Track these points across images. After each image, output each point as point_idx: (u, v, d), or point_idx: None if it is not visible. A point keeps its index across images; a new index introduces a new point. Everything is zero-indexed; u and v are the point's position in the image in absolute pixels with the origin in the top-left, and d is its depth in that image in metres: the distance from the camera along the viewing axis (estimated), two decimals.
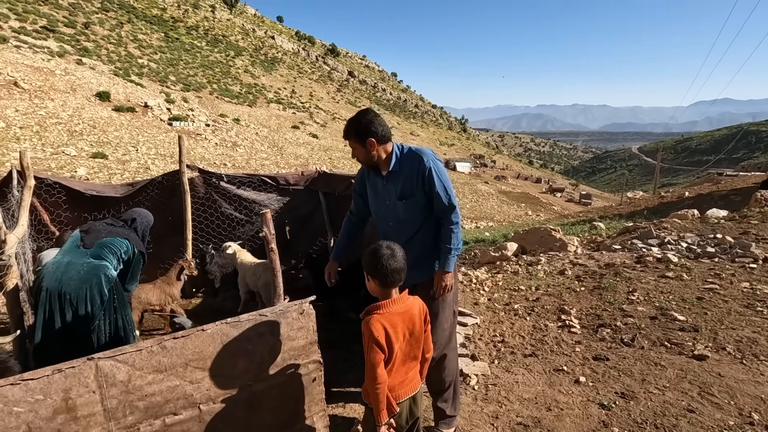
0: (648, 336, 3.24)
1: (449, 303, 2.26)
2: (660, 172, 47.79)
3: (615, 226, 9.43)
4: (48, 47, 35.99)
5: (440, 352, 2.21)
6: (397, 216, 2.20)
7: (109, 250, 2.64)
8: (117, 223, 2.87)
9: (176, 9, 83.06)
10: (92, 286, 2.51)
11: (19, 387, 1.44)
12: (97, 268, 2.56)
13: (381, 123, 2.12)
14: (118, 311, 2.64)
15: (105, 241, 2.67)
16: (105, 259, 2.61)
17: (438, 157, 2.25)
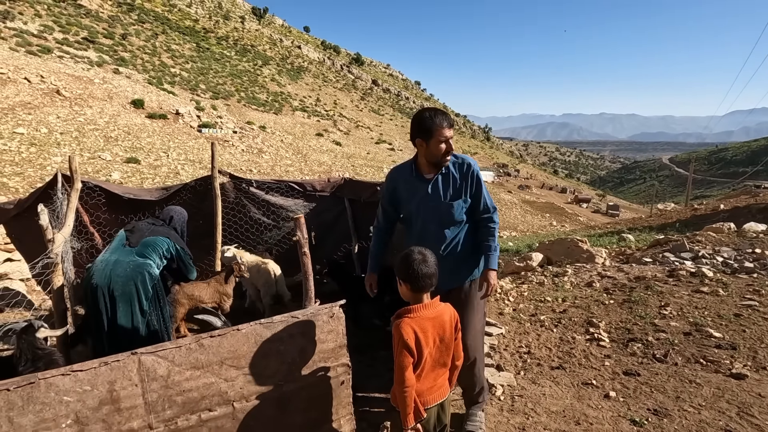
0: (682, 352, 3.14)
1: (482, 306, 2.32)
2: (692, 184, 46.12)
3: (645, 238, 9.15)
4: (88, 57, 37.83)
5: (473, 354, 2.25)
6: (441, 218, 2.23)
7: (152, 249, 2.79)
8: (157, 222, 3.04)
9: (208, 20, 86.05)
10: (137, 283, 2.65)
11: (69, 377, 1.53)
12: (142, 266, 2.70)
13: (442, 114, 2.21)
14: (160, 308, 2.77)
15: (148, 240, 2.82)
16: (149, 257, 2.76)
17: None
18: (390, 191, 2.42)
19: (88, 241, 4.56)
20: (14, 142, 17.88)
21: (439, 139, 2.10)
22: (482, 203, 2.26)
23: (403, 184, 2.34)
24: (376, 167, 41.10)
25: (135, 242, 2.81)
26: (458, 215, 2.22)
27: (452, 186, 2.22)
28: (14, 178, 15.00)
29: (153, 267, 2.74)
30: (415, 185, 2.28)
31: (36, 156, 17.39)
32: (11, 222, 4.62)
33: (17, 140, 18.21)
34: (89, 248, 4.62)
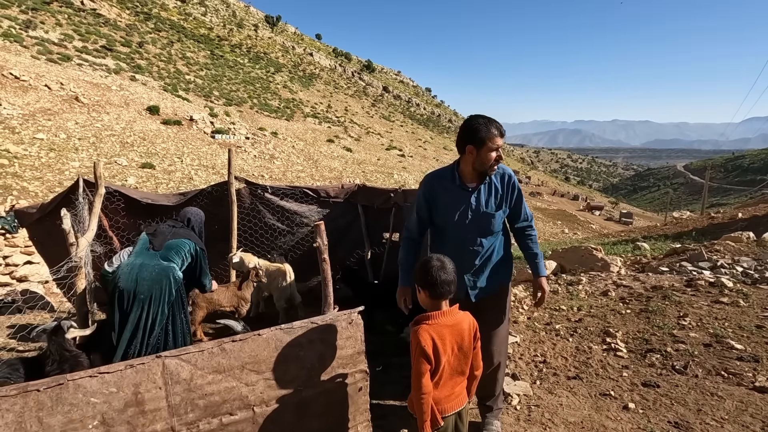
0: (702, 364, 3.08)
1: (508, 312, 2.38)
2: (708, 192, 45.33)
3: (661, 247, 9.02)
4: (106, 65, 38.72)
5: (498, 360, 2.28)
6: (481, 228, 2.20)
7: (175, 252, 2.85)
8: (177, 225, 3.09)
9: (222, 28, 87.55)
10: (162, 287, 2.71)
11: (96, 379, 1.57)
12: (167, 270, 2.76)
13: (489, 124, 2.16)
14: (183, 310, 2.86)
15: (171, 243, 2.86)
16: (172, 260, 2.81)
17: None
18: (428, 199, 2.29)
19: (107, 245, 4.65)
20: (34, 147, 18.33)
21: (491, 147, 2.06)
22: (522, 213, 2.30)
23: (443, 193, 2.24)
24: (387, 173, 41.19)
25: (159, 246, 2.85)
26: (498, 226, 2.24)
27: (494, 196, 2.21)
28: (34, 182, 15.37)
29: (177, 270, 2.80)
30: (457, 194, 2.21)
31: (55, 161, 17.80)
32: (33, 226, 4.73)
33: (37, 145, 18.68)
34: (107, 252, 4.71)
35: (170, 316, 2.76)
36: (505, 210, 2.24)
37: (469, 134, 2.08)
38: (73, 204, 3.98)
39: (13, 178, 14.99)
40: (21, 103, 22.37)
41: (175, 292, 2.77)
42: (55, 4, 47.46)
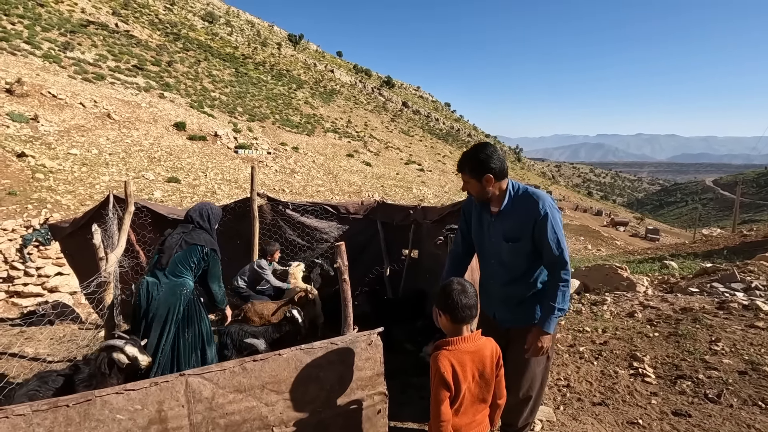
0: (737, 393, 2.93)
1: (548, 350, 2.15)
2: (740, 208, 43.64)
3: (690, 266, 8.70)
4: (136, 83, 40.40)
5: (527, 393, 2.17)
6: (500, 257, 2.07)
7: (182, 266, 2.83)
8: (187, 228, 2.99)
9: (247, 47, 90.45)
10: (172, 304, 2.73)
11: (122, 396, 1.60)
12: (175, 287, 2.77)
13: (499, 158, 2.00)
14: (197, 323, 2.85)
15: (177, 257, 2.85)
16: (181, 275, 2.81)
17: (556, 204, 2.07)
18: (465, 212, 2.25)
19: (134, 259, 4.79)
20: (68, 162, 19.16)
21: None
22: (546, 250, 1.97)
23: (474, 210, 2.18)
24: (406, 187, 41.26)
25: (165, 262, 2.84)
26: (516, 259, 2.03)
27: (511, 225, 2.03)
28: (66, 195, 16.01)
29: (186, 285, 2.81)
30: (481, 216, 2.14)
31: (87, 175, 18.54)
32: (66, 239, 4.93)
33: (71, 160, 19.51)
34: (134, 266, 4.85)
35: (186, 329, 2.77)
36: (524, 242, 2.00)
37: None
38: (104, 219, 4.14)
39: (47, 192, 15.66)
40: (57, 120, 23.49)
41: (183, 309, 2.76)
42: (91, 27, 50.08)
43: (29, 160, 17.37)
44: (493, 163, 1.97)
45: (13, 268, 9.05)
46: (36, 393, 2.09)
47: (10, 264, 9.07)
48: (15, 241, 9.36)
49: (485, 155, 1.98)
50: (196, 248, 2.90)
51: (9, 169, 16.10)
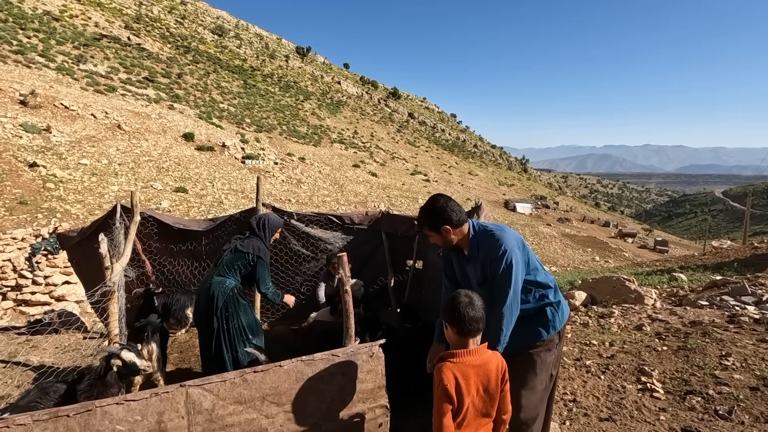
0: (749, 410, 2.86)
1: (546, 367, 2.14)
2: (750, 219, 43.05)
3: (699, 278, 8.57)
4: (147, 95, 41.10)
5: (527, 416, 2.12)
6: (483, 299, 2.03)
7: (228, 268, 3.21)
8: (244, 235, 3.38)
9: (255, 59, 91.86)
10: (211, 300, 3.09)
11: (122, 407, 1.60)
12: (217, 285, 3.13)
13: (453, 208, 2.05)
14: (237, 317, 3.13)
15: (226, 260, 3.23)
16: (226, 275, 3.18)
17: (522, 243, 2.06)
18: (445, 258, 2.29)
19: (139, 269, 4.82)
20: (78, 172, 19.44)
21: None
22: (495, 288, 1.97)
23: (453, 256, 2.24)
24: (412, 198, 41.28)
25: (216, 264, 3.28)
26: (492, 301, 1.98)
27: (480, 267, 2.05)
28: (76, 205, 16.22)
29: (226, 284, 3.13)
30: (460, 261, 2.19)
31: (96, 185, 18.79)
32: (73, 248, 4.97)
33: (81, 170, 19.80)
34: (139, 275, 4.88)
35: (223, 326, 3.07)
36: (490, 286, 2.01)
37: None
38: (111, 229, 4.18)
39: (57, 201, 15.87)
40: (69, 130, 23.91)
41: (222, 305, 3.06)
42: (104, 40, 51.20)
43: (41, 170, 17.65)
44: (447, 214, 2.04)
45: (21, 276, 9.14)
46: (37, 404, 2.09)
47: (18, 272, 9.16)
48: (24, 249, 9.47)
49: (439, 208, 2.05)
50: (242, 254, 3.24)
51: (21, 178, 16.37)
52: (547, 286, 2.16)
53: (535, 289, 2.13)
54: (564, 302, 2.22)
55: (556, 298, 2.16)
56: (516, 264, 1.95)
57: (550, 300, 2.15)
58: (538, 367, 2.13)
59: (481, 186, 73.68)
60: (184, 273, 5.07)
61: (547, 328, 2.13)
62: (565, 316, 2.18)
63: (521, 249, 2.03)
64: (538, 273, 2.14)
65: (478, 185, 72.31)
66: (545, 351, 2.14)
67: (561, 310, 2.17)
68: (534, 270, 2.13)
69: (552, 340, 2.15)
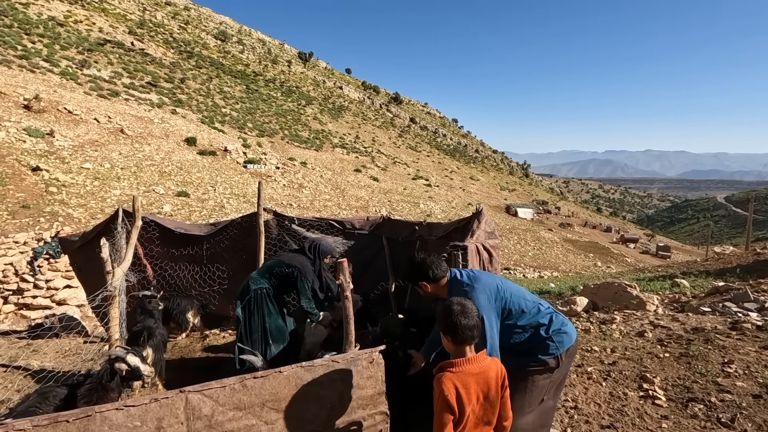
0: (751, 417, 2.84)
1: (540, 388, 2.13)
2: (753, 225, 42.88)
3: (702, 284, 8.54)
4: (150, 99, 41.33)
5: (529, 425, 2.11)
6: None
7: (266, 271, 3.59)
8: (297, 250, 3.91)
9: (258, 64, 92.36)
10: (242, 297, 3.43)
11: (122, 412, 1.60)
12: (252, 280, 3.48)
13: (430, 264, 2.20)
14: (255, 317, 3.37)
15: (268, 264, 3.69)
16: (262, 277, 3.52)
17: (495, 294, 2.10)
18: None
19: (140, 273, 4.83)
20: (81, 176, 19.52)
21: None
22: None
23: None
24: (413, 203, 41.30)
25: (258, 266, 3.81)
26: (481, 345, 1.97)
27: None
28: (78, 209, 16.27)
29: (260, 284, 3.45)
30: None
31: (98, 189, 18.86)
32: (74, 252, 4.99)
33: (83, 174, 19.88)
34: (141, 280, 4.88)
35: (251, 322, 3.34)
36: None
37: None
38: (112, 233, 4.19)
39: (60, 205, 15.93)
40: (72, 135, 24.04)
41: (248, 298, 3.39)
42: (108, 45, 51.58)
43: (43, 174, 17.73)
44: (423, 270, 2.21)
45: (23, 280, 9.14)
46: (36, 409, 2.09)
47: (20, 276, 9.17)
48: (26, 253, 9.49)
49: (416, 264, 2.25)
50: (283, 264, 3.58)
51: (24, 182, 16.44)
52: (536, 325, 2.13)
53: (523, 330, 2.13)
54: (566, 329, 2.17)
55: (548, 333, 2.12)
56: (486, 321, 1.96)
57: (543, 335, 2.12)
58: (528, 388, 2.11)
59: (483, 191, 73.67)
60: (186, 277, 5.08)
61: (542, 352, 2.12)
62: (566, 343, 2.14)
63: (493, 302, 2.07)
64: (521, 317, 2.12)
65: (479, 190, 72.29)
66: (538, 373, 2.12)
67: (560, 339, 2.12)
68: (517, 315, 2.12)
69: (547, 363, 2.12)
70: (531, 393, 2.11)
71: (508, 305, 2.09)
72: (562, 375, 2.21)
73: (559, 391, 2.27)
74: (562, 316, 2.24)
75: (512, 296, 2.13)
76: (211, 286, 5.10)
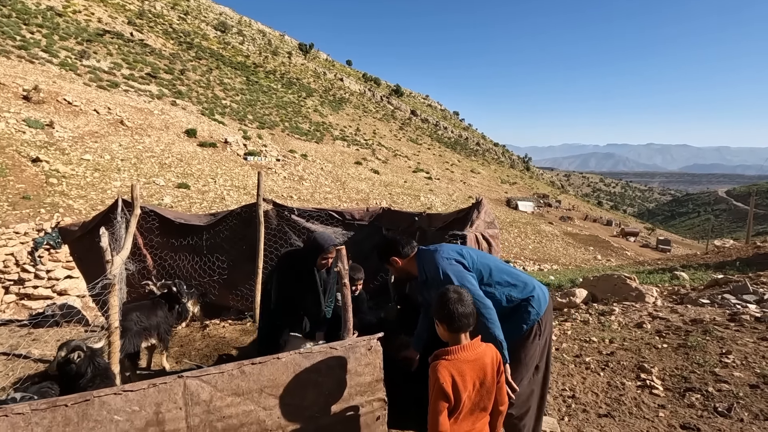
0: (748, 407, 2.85)
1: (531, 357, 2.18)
2: (754, 219, 42.84)
3: (701, 277, 8.54)
4: (150, 91, 41.15)
5: (520, 410, 2.14)
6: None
7: None
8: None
9: (258, 56, 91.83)
10: None
11: (120, 397, 1.61)
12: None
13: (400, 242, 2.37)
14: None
15: None
16: None
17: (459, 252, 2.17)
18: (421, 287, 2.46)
19: (140, 263, 4.83)
20: (81, 168, 19.50)
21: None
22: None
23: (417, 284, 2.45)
24: (413, 195, 41.26)
25: None
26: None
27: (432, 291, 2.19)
28: (79, 200, 16.27)
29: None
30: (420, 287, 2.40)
31: (99, 180, 18.85)
32: (75, 242, 4.99)
33: (84, 166, 19.86)
34: (141, 269, 4.89)
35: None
36: None
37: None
38: (112, 222, 4.19)
39: (60, 196, 15.93)
40: (72, 126, 23.97)
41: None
42: (107, 36, 51.26)
43: (44, 165, 17.70)
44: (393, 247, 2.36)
45: (24, 270, 9.18)
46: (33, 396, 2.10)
47: (21, 267, 9.20)
48: (27, 244, 9.51)
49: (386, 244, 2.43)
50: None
51: (24, 174, 16.43)
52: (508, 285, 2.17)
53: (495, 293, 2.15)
54: (539, 294, 2.20)
55: (524, 294, 2.16)
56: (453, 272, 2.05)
57: (518, 297, 2.16)
58: (522, 361, 2.16)
59: (484, 184, 73.56)
60: (185, 267, 5.08)
61: (525, 321, 2.16)
62: (543, 307, 2.18)
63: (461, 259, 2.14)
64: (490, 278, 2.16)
65: (480, 183, 72.17)
66: (528, 343, 2.17)
67: (537, 302, 2.16)
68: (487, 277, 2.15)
69: (531, 331, 2.17)
70: (526, 365, 2.17)
71: (476, 266, 2.14)
72: (547, 337, 2.25)
73: (546, 355, 2.30)
74: (532, 279, 2.28)
75: (478, 258, 2.19)
76: (211, 276, 5.11)
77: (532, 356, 2.19)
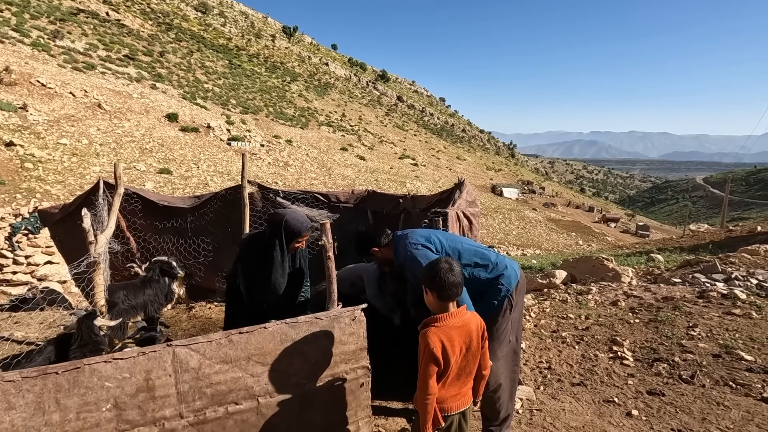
0: (710, 374, 3.05)
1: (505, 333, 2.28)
2: (729, 205, 44.29)
3: (675, 259, 8.87)
4: (128, 73, 39.86)
5: (496, 381, 2.24)
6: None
7: None
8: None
9: (240, 39, 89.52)
10: None
11: (111, 365, 1.65)
12: None
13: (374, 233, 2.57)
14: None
15: None
16: None
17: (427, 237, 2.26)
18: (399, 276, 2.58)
19: (124, 245, 4.81)
20: (58, 152, 18.94)
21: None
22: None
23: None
24: (399, 182, 41.30)
25: None
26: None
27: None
28: (56, 186, 15.86)
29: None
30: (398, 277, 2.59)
31: (77, 165, 18.36)
32: (55, 225, 4.93)
33: (60, 150, 19.29)
34: (125, 252, 4.87)
35: None
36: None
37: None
38: (94, 205, 4.15)
39: (36, 182, 15.50)
40: (47, 109, 23.16)
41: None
42: (81, 15, 49.25)
43: (18, 149, 17.14)
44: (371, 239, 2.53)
45: (1, 256, 8.98)
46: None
47: None
48: (4, 229, 9.28)
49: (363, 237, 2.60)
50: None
51: None
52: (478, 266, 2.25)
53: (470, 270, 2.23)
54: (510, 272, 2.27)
55: (494, 274, 2.24)
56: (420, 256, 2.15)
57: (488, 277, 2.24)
58: (495, 336, 2.24)
59: (469, 171, 73.93)
60: (170, 250, 5.07)
61: (496, 298, 2.24)
62: (513, 282, 2.26)
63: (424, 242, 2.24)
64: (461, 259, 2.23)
65: (465, 170, 72.48)
66: (500, 317, 2.25)
67: (507, 279, 2.24)
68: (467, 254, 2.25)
69: (502, 307, 2.25)
70: (499, 339, 2.25)
71: (445, 249, 2.23)
72: (518, 314, 2.35)
73: (517, 330, 2.40)
74: (503, 256, 2.37)
75: (447, 242, 2.28)
76: (196, 259, 5.11)
77: (504, 330, 2.28)
